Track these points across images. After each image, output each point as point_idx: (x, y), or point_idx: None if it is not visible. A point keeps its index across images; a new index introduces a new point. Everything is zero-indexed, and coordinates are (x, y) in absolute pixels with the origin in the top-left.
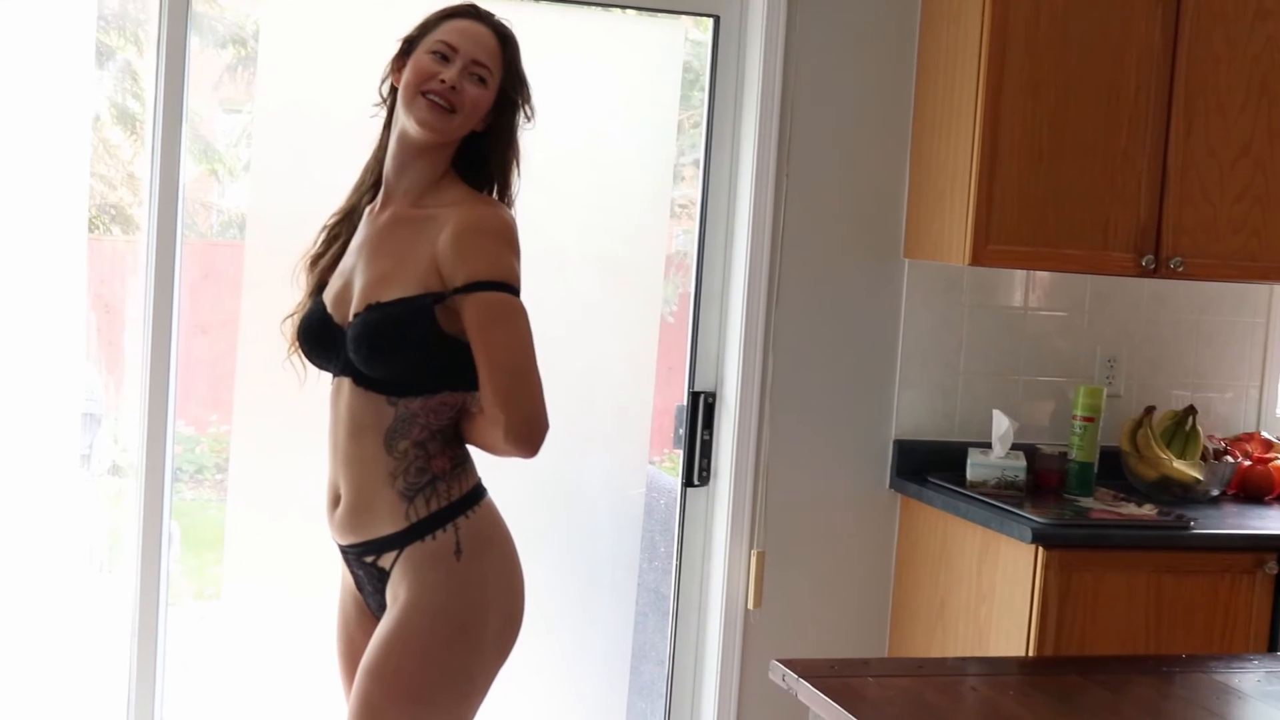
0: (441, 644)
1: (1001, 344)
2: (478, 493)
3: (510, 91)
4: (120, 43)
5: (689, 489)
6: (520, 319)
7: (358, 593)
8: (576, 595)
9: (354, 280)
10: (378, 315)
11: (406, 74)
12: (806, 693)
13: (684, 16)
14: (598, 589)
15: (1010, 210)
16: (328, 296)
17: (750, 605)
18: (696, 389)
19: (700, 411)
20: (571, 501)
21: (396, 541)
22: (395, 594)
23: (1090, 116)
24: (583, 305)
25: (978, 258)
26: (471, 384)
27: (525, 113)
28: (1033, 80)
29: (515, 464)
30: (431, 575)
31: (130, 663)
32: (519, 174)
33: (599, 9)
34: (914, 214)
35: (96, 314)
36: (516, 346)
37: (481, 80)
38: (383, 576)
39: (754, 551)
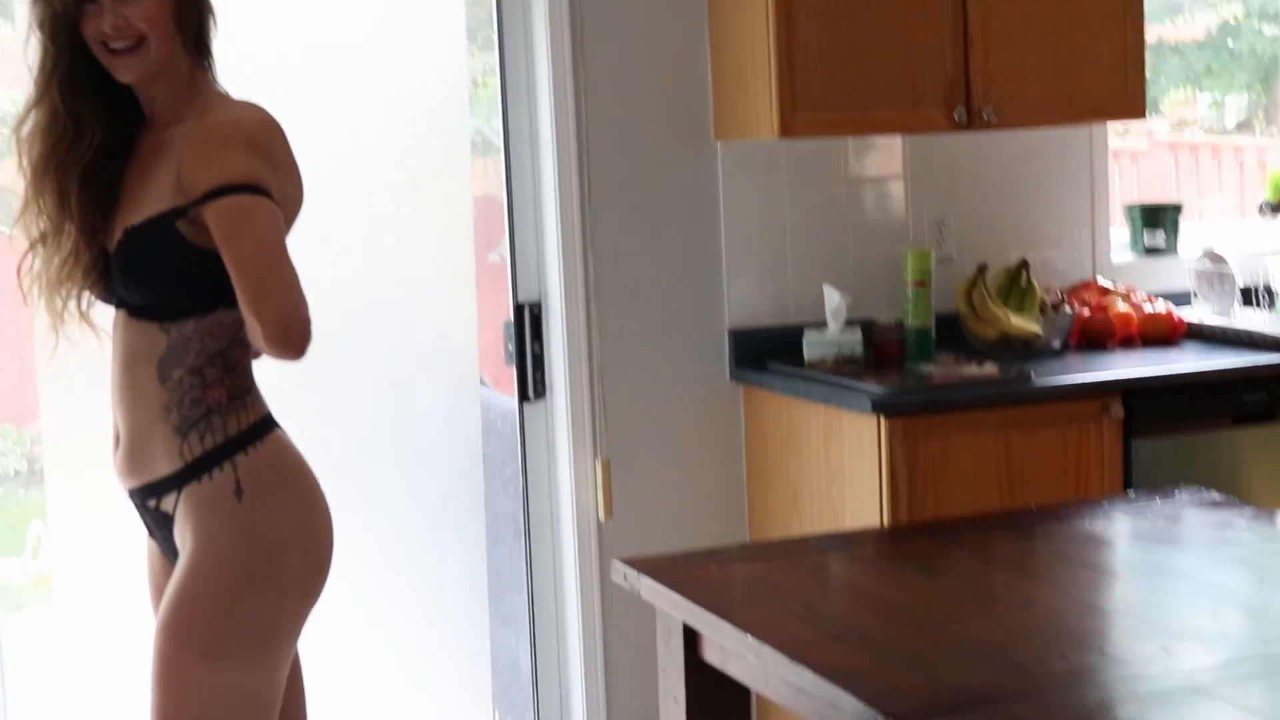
0: (233, 592)
1: (826, 218)
2: (262, 427)
3: None
4: None
5: (526, 404)
6: (262, 217)
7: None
8: (423, 528)
9: (118, 210)
10: (127, 241)
11: (85, 34)
12: (649, 588)
13: None
14: (444, 519)
15: (814, 77)
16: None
17: (602, 517)
18: (521, 300)
19: (528, 323)
20: (405, 431)
21: (174, 483)
22: (182, 541)
23: None
24: (388, 224)
25: (787, 129)
26: None
27: None
28: None
29: (340, 397)
30: (213, 519)
31: None
32: (215, 27)
33: None
34: (719, 92)
35: None
36: (260, 246)
37: None
38: (168, 522)
39: (599, 461)
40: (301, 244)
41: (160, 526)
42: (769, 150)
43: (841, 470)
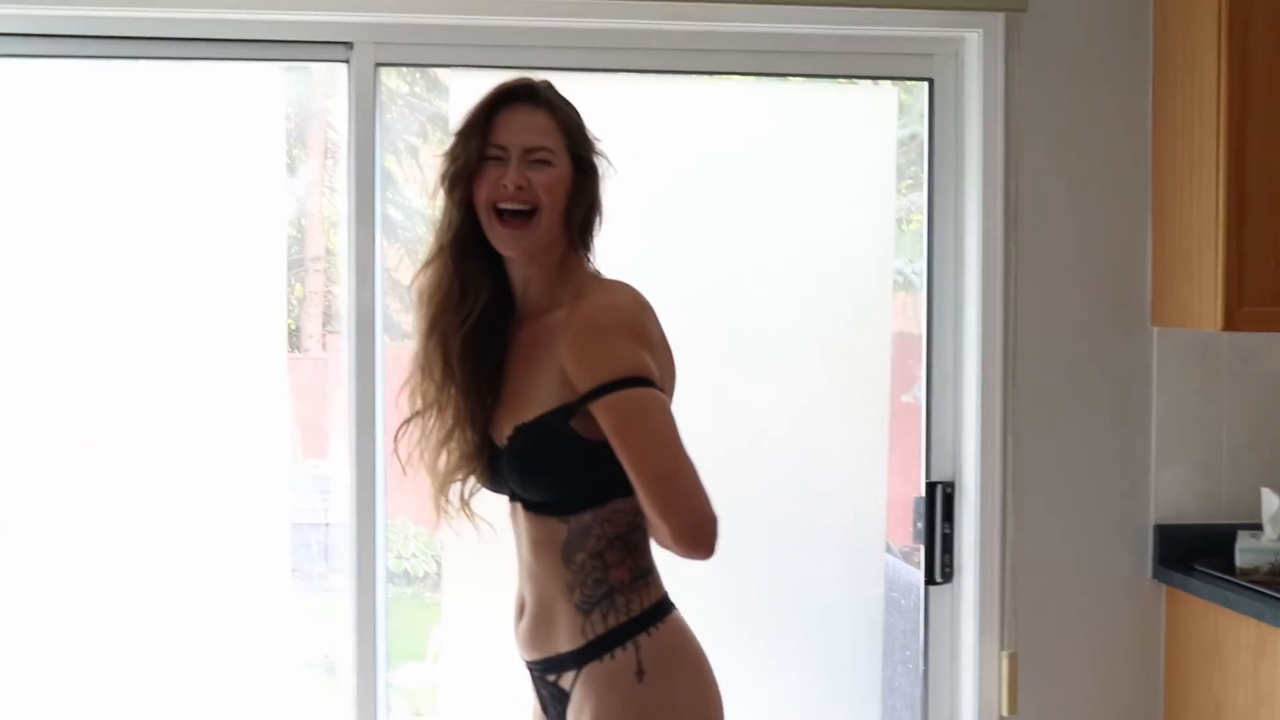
0: None
1: (1268, 414)
2: (662, 608)
3: (580, 150)
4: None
5: (931, 587)
6: (653, 412)
7: (544, 716)
8: (816, 697)
9: (503, 403)
10: (520, 439)
11: (476, 194)
12: None
13: (896, 83)
14: (838, 690)
15: (1265, 268)
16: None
17: (1005, 712)
18: (933, 479)
19: (939, 503)
20: (805, 601)
21: (574, 660)
22: (577, 719)
23: None
24: (804, 393)
25: (1231, 322)
26: None
27: (601, 164)
28: None
29: (741, 563)
30: (612, 699)
31: None
32: (600, 224)
33: (806, 80)
34: (1159, 277)
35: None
36: (656, 445)
37: (545, 162)
38: (564, 698)
39: (1005, 653)
40: (710, 389)
41: (555, 703)
42: (1210, 340)
43: (1273, 694)
